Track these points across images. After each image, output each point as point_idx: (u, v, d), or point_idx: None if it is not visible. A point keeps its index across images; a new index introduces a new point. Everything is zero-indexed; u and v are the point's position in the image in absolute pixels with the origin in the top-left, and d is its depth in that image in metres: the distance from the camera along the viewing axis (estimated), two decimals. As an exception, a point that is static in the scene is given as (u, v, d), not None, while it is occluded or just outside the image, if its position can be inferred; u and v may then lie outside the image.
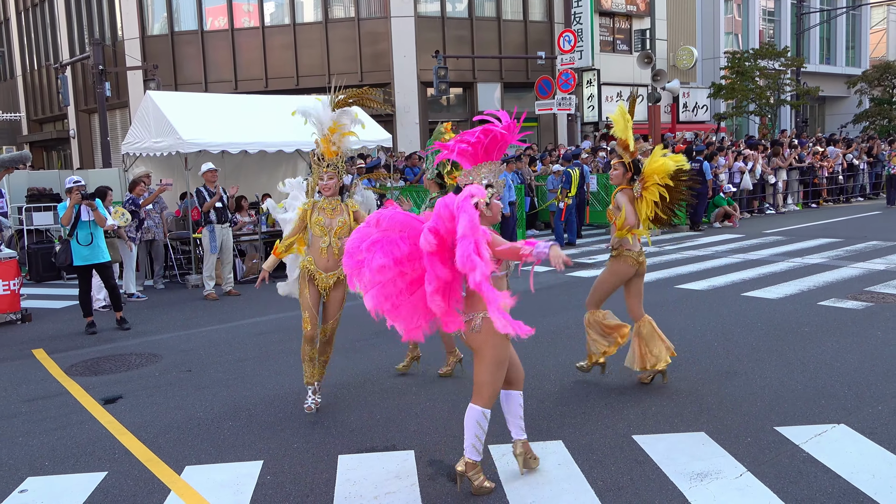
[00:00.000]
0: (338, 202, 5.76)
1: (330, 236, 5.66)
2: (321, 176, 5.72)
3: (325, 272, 5.70)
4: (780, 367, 6.54)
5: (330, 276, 5.71)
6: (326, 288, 5.72)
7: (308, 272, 5.71)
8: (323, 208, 5.72)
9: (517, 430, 4.54)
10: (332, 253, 5.67)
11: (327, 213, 5.70)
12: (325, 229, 5.66)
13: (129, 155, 13.85)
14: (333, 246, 5.66)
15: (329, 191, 5.72)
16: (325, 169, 5.72)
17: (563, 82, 23.85)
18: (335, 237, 5.66)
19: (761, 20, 37.53)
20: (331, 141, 5.78)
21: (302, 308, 5.73)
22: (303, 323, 5.73)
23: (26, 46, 36.29)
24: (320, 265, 5.70)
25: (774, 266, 11.66)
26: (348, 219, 5.73)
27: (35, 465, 5.04)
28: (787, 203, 20.90)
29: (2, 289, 9.63)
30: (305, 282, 5.72)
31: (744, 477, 4.40)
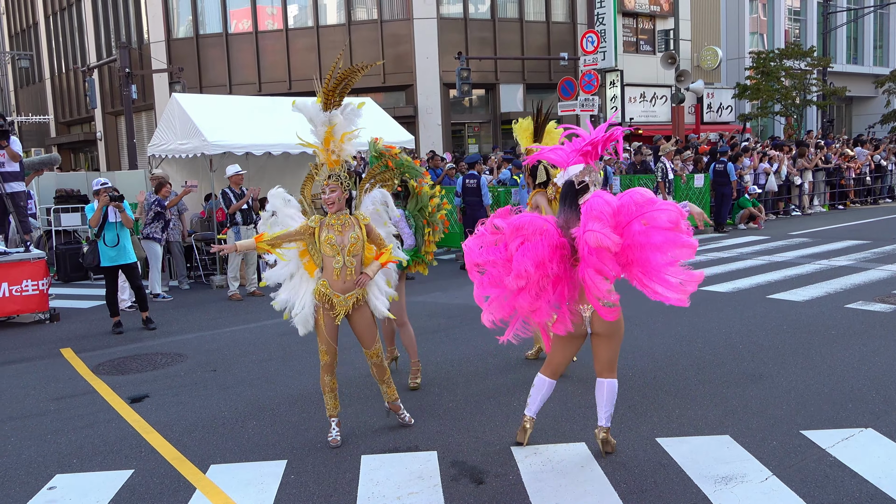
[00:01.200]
0: (346, 216, 5.12)
1: (343, 255, 5.05)
2: (322, 189, 5.10)
3: (343, 294, 5.10)
4: (806, 370, 6.48)
5: (349, 298, 5.12)
6: (346, 311, 5.14)
7: (324, 297, 5.12)
8: (331, 225, 5.06)
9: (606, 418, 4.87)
10: (346, 273, 5.09)
11: (336, 229, 5.05)
12: (337, 248, 5.03)
13: (154, 157, 14.01)
14: (348, 265, 5.07)
15: (334, 206, 5.08)
16: (327, 181, 5.07)
17: (585, 83, 23.77)
18: (349, 255, 5.06)
19: (787, 20, 37.18)
20: (329, 149, 5.16)
21: (318, 339, 5.21)
22: (320, 354, 5.20)
23: (54, 50, 36.84)
24: (336, 288, 5.09)
25: (800, 268, 11.54)
26: (360, 233, 5.13)
27: (63, 463, 5.12)
28: (814, 204, 20.67)
29: (31, 289, 9.78)
30: (320, 309, 5.15)
31: (769, 481, 4.37)
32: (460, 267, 13.13)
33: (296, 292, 5.31)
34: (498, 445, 5.06)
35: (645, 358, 7.01)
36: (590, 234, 4.19)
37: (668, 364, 6.80)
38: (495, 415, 5.68)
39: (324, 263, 5.15)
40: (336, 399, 5.28)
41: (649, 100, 29.76)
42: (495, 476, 4.59)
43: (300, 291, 5.30)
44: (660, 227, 4.27)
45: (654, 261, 4.33)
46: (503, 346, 7.35)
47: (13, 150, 10.59)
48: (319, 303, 5.14)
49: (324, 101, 5.12)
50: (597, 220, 4.21)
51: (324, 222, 5.10)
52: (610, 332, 4.71)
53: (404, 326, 6.53)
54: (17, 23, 40.83)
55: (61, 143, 37.69)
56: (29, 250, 10.17)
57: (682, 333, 7.88)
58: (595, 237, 4.17)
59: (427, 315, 9.31)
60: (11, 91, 40.74)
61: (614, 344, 4.77)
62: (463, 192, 12.88)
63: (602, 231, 4.17)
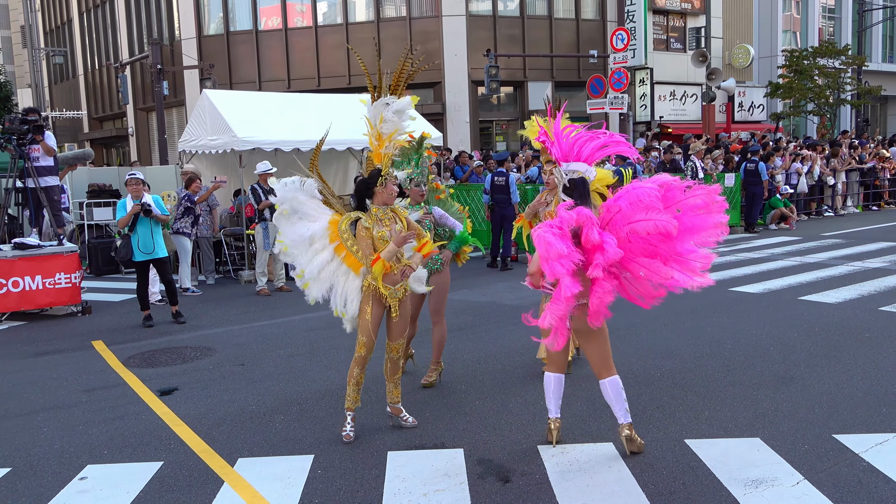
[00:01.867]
0: (387, 210, 5.26)
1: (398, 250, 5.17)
2: (394, 181, 5.21)
3: (394, 286, 5.20)
4: (838, 373, 6.37)
5: (398, 289, 5.22)
6: (396, 303, 5.24)
7: (373, 289, 5.18)
8: (381, 220, 5.18)
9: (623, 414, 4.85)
10: (396, 265, 5.18)
11: (385, 224, 5.17)
12: (388, 243, 5.13)
13: (185, 152, 14.15)
14: (399, 256, 5.20)
15: (393, 200, 5.23)
16: (395, 177, 5.26)
17: (615, 81, 23.56)
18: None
19: (821, 17, 36.62)
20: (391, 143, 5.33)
21: (360, 330, 5.22)
22: (357, 346, 5.24)
23: (88, 47, 37.35)
24: (388, 280, 5.17)
25: (833, 269, 11.36)
26: (404, 225, 5.25)
27: (94, 454, 5.19)
28: (847, 205, 20.35)
29: (64, 281, 9.92)
30: (369, 300, 5.19)
31: (801, 485, 4.30)
32: (487, 265, 13.10)
33: (329, 286, 5.31)
34: (524, 444, 5.04)
35: (673, 359, 6.94)
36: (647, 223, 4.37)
37: (696, 365, 6.73)
38: (522, 413, 5.66)
39: None
40: (359, 394, 5.32)
41: (679, 98, 29.48)
42: (521, 475, 4.58)
43: (339, 286, 5.29)
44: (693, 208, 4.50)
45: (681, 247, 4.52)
46: (530, 345, 7.35)
47: (48, 145, 10.76)
48: (369, 296, 5.18)
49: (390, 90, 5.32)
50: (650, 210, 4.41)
51: (373, 218, 5.16)
52: (590, 331, 4.71)
53: (439, 323, 6.45)
54: (52, 20, 41.45)
55: (94, 138, 38.23)
56: (62, 244, 10.32)
57: (711, 334, 7.79)
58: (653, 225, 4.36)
59: (454, 313, 9.30)
60: (46, 87, 41.32)
61: (601, 341, 4.79)
62: (491, 189, 12.85)
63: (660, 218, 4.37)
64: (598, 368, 4.85)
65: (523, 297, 10.03)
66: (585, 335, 4.78)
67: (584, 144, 5.11)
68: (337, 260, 5.28)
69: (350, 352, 6.98)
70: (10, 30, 49.13)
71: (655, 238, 4.45)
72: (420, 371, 6.79)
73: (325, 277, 5.29)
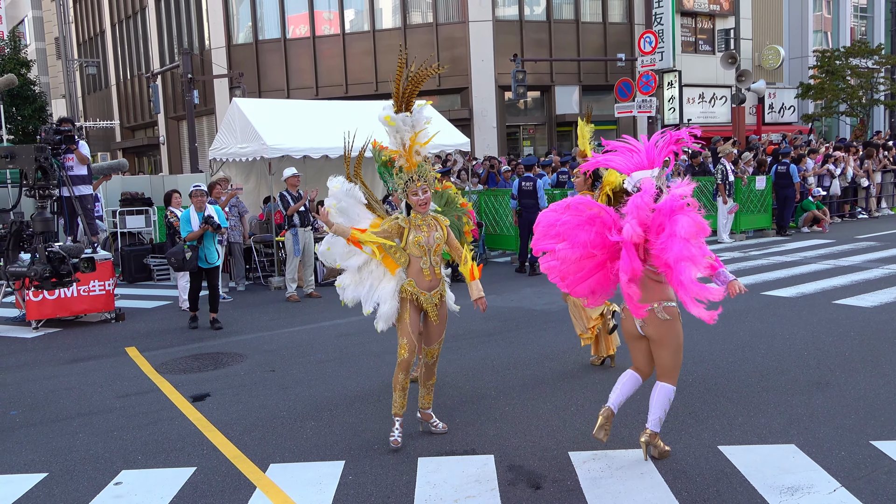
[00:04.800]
0: (429, 217, 5.27)
1: (430, 256, 5.20)
2: (415, 191, 5.15)
3: (429, 291, 5.25)
4: (875, 377, 6.26)
5: (434, 295, 5.27)
6: (431, 308, 5.28)
7: (410, 295, 5.23)
8: (419, 226, 5.19)
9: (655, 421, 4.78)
10: (434, 272, 5.24)
11: (423, 230, 5.19)
12: (425, 248, 5.18)
13: (215, 160, 14.30)
14: (434, 265, 5.23)
15: (425, 207, 5.20)
16: (419, 182, 5.16)
17: (643, 84, 23.42)
18: (434, 255, 5.21)
19: (853, 17, 36.11)
20: (415, 150, 5.26)
21: (400, 334, 5.24)
22: (399, 349, 5.22)
23: (120, 57, 37.97)
24: (423, 286, 5.23)
25: (868, 273, 11.17)
26: (443, 234, 5.27)
27: (129, 459, 5.25)
28: (881, 207, 20.01)
29: (98, 289, 10.08)
30: (407, 305, 5.24)
31: (838, 492, 4.23)
32: (515, 270, 13.07)
33: (364, 287, 5.48)
34: (555, 450, 5.02)
35: (706, 364, 6.87)
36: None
37: (730, 371, 6.65)
38: (552, 419, 5.63)
39: (410, 263, 5.26)
40: (405, 398, 5.28)
41: (708, 100, 29.24)
42: (553, 481, 4.55)
43: (375, 287, 5.44)
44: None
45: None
46: (559, 350, 7.32)
47: (81, 154, 10.94)
48: (406, 300, 5.23)
49: (404, 104, 5.23)
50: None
51: (411, 223, 5.21)
52: (659, 338, 4.71)
53: None
54: (86, 31, 42.19)
55: (126, 147, 38.82)
56: (96, 251, 10.47)
57: (744, 340, 7.70)
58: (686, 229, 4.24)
59: (482, 318, 9.28)
60: (79, 97, 42.03)
61: (668, 351, 4.73)
62: (519, 194, 12.82)
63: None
64: (661, 371, 4.80)
65: (552, 301, 9.98)
66: (653, 341, 4.77)
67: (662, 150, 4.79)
68: (375, 260, 5.41)
69: (379, 358, 7.03)
70: (45, 42, 50.10)
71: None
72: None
73: (362, 277, 5.48)
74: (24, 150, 8.93)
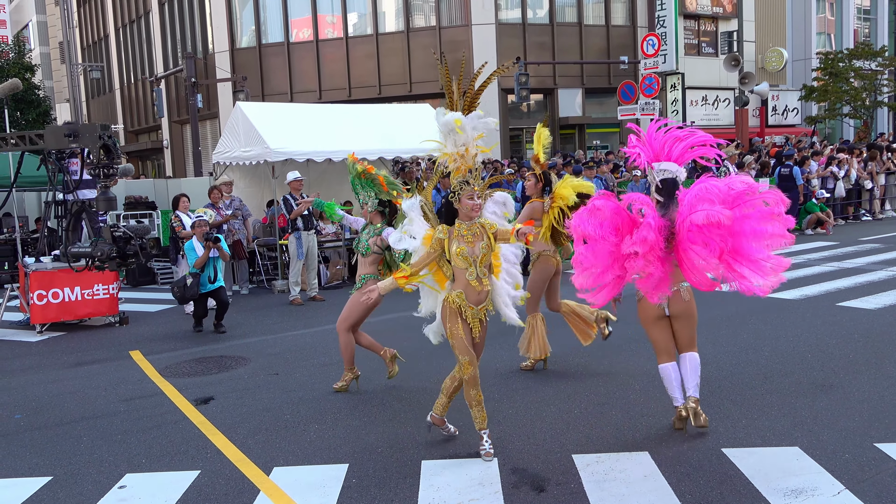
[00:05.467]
0: (475, 225, 4.94)
1: (476, 267, 4.89)
2: (470, 195, 4.85)
3: (476, 306, 4.98)
4: (879, 380, 6.25)
5: (480, 310, 5.01)
6: (476, 324, 5.02)
7: (458, 307, 4.96)
8: (462, 235, 4.89)
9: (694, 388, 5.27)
10: (482, 283, 4.96)
11: (468, 240, 4.89)
12: (469, 259, 4.88)
13: (219, 164, 14.34)
14: (482, 276, 4.93)
15: (476, 213, 4.91)
16: (475, 187, 4.88)
17: (646, 87, 23.46)
18: (480, 266, 4.91)
19: (856, 19, 36.08)
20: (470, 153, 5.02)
21: (459, 351, 4.95)
22: (462, 368, 4.95)
23: (124, 61, 38.07)
24: (472, 299, 4.95)
25: (872, 275, 11.15)
26: (490, 241, 4.95)
27: (133, 462, 5.26)
28: (885, 209, 19.97)
29: (102, 292, 10.10)
30: (457, 319, 4.96)
31: (842, 495, 4.22)
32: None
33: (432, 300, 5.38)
34: (559, 453, 5.02)
35: (710, 367, 6.85)
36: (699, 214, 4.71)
37: (733, 373, 6.65)
38: (556, 422, 5.63)
39: (455, 275, 5.01)
40: (484, 410, 5.06)
41: (711, 103, 29.23)
42: (556, 484, 4.55)
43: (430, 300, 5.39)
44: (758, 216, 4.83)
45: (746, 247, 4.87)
46: (562, 353, 7.31)
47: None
48: (455, 312, 4.97)
49: (468, 106, 5.11)
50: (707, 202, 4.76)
51: (452, 233, 4.93)
52: (687, 314, 5.23)
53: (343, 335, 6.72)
54: (90, 36, 42.31)
55: (130, 150, 38.88)
56: (100, 255, 10.50)
57: (747, 342, 7.69)
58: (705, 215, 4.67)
59: (486, 321, 9.29)
60: (83, 101, 42.14)
61: (692, 323, 5.28)
62: (522, 197, 12.81)
63: (712, 209, 4.68)
64: (682, 344, 5.30)
65: (556, 304, 9.97)
66: (679, 317, 5.24)
67: (674, 144, 5.20)
68: (430, 275, 5.24)
69: (383, 361, 7.01)
70: (49, 46, 50.23)
71: (710, 229, 4.72)
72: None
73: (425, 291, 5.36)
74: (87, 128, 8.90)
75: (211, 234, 9.40)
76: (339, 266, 13.05)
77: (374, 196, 6.56)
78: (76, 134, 8.17)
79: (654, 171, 5.13)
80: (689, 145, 5.19)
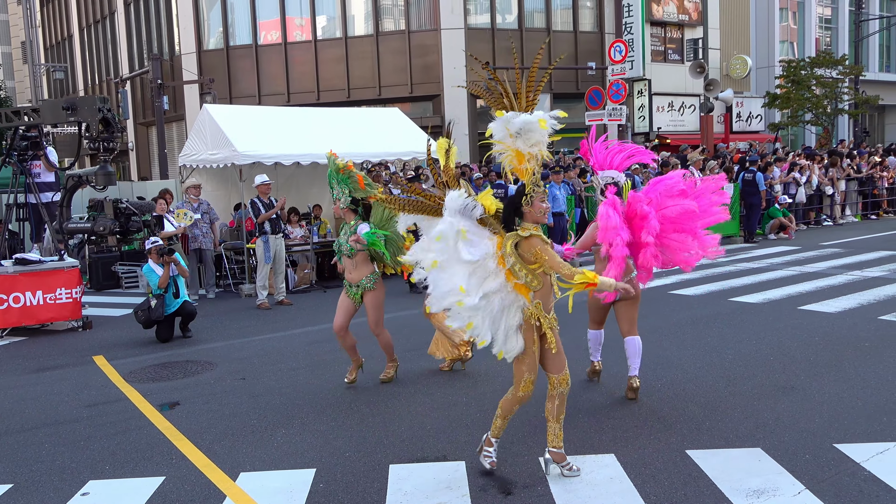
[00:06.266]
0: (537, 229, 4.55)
1: (552, 277, 4.51)
2: (542, 198, 4.48)
3: (549, 314, 4.61)
4: (839, 382, 6.38)
5: (555, 319, 4.64)
6: (552, 333, 4.60)
7: (536, 319, 4.55)
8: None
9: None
10: (553, 290, 4.59)
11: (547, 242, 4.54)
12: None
13: (185, 167, 14.19)
14: (553, 282, 4.57)
15: (544, 218, 4.52)
16: (544, 190, 4.53)
17: (613, 93, 23.69)
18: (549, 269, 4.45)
19: (818, 28, 36.79)
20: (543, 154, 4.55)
21: (525, 367, 4.60)
22: (522, 385, 4.63)
23: (88, 62, 37.52)
24: (547, 307, 4.59)
25: (832, 279, 11.38)
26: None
27: (96, 469, 5.19)
28: (846, 214, 20.39)
29: (64, 297, 9.94)
30: (531, 331, 4.55)
31: (802, 495, 4.31)
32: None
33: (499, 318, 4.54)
34: (526, 455, 5.05)
35: (674, 370, 6.95)
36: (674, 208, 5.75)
37: (697, 376, 6.74)
38: (523, 425, 5.65)
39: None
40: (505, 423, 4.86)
41: (677, 109, 29.59)
42: (523, 487, 4.58)
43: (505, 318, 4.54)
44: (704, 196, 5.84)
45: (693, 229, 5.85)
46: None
47: (49, 161, 10.81)
48: (531, 327, 4.55)
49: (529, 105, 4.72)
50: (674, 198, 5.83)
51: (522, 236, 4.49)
52: (634, 299, 6.09)
53: (382, 333, 6.90)
54: (53, 35, 41.64)
55: (94, 153, 38.30)
56: (63, 259, 10.33)
57: (711, 345, 7.81)
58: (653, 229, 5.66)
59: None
60: (46, 102, 41.54)
61: (636, 306, 6.18)
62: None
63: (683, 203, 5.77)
64: (626, 327, 6.17)
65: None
66: (627, 302, 6.10)
67: (615, 155, 6.20)
68: (508, 286, 4.52)
69: (350, 363, 6.99)
70: (11, 45, 49.38)
71: (682, 218, 5.72)
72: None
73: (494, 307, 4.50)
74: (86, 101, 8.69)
75: (164, 248, 9.14)
76: (307, 270, 12.99)
77: (348, 193, 6.62)
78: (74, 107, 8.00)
79: (599, 176, 6.12)
80: (628, 155, 6.26)
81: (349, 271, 6.73)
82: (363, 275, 6.68)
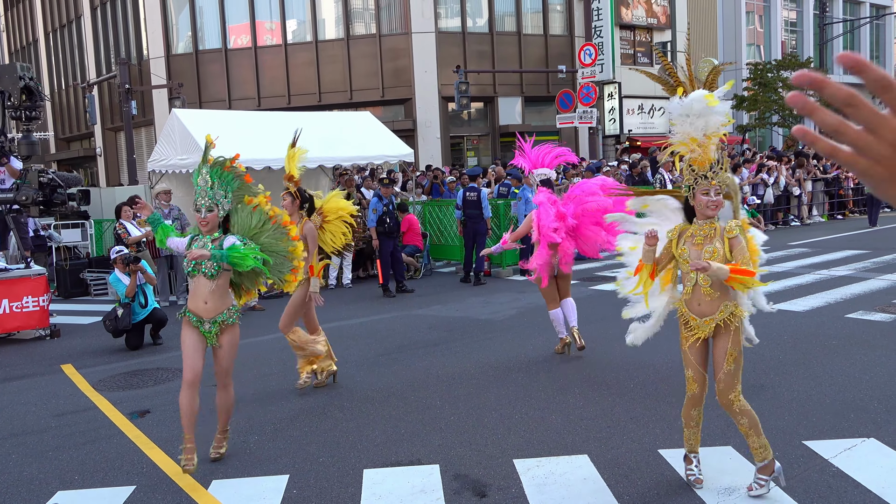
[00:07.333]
0: (710, 226, 4.24)
1: (697, 274, 4.23)
2: (706, 190, 4.16)
3: (700, 318, 4.33)
4: (807, 380, 6.48)
5: (707, 322, 4.31)
6: (705, 336, 4.37)
7: (683, 317, 4.44)
8: (693, 235, 4.25)
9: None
10: (700, 292, 4.30)
11: (696, 242, 4.23)
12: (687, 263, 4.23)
13: (154, 172, 14.05)
14: (701, 284, 4.27)
15: (715, 210, 4.21)
16: (714, 181, 4.16)
17: (584, 96, 23.88)
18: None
19: (783, 31, 37.36)
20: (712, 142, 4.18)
21: (685, 363, 4.49)
22: (688, 383, 4.47)
23: (54, 66, 37.01)
24: (693, 310, 4.36)
25: (800, 278, 11.54)
26: (722, 247, 4.22)
27: (65, 479, 5.11)
28: (813, 215, 20.71)
29: (31, 305, 9.78)
30: (682, 330, 4.47)
31: (772, 492, 4.36)
32: (460, 280, 13.13)
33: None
34: (500, 458, 5.06)
35: (646, 370, 7.01)
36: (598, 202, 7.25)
37: (669, 375, 6.80)
38: (497, 427, 5.67)
39: (683, 279, 4.43)
40: (699, 433, 4.60)
41: (647, 111, 29.88)
42: (498, 489, 4.59)
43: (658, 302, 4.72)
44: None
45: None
46: (504, 359, 7.37)
47: (13, 168, 10.62)
48: (683, 322, 4.44)
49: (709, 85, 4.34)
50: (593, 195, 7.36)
51: (684, 233, 4.32)
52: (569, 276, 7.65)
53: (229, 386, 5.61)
54: (18, 40, 41.03)
55: (61, 158, 37.78)
56: (29, 266, 10.17)
57: (682, 345, 7.87)
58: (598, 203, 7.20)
59: (427, 328, 9.31)
60: (11, 108, 40.87)
61: (569, 281, 7.68)
62: (464, 204, 12.89)
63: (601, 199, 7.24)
64: (564, 293, 7.59)
65: (496, 311, 10.06)
66: (564, 279, 7.57)
67: (545, 155, 7.71)
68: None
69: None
70: (-26, 50, 48.64)
71: (598, 213, 6.96)
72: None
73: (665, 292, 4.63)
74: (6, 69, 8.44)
75: (129, 257, 9.02)
76: (280, 275, 12.88)
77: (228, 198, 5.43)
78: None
79: (534, 174, 7.61)
80: (556, 155, 7.74)
81: (203, 299, 5.18)
82: (224, 307, 5.23)
